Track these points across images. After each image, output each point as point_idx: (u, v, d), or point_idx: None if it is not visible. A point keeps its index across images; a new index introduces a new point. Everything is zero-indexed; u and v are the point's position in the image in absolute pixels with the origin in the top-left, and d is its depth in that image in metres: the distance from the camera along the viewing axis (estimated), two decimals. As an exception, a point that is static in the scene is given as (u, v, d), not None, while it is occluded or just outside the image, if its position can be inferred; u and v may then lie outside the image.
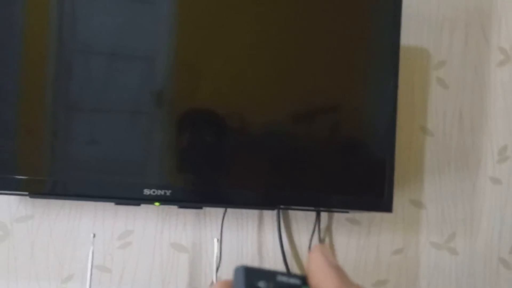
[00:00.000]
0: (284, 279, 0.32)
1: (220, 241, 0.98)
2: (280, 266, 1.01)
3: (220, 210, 1.00)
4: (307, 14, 0.92)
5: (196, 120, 0.90)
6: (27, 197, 0.92)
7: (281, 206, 0.98)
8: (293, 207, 0.99)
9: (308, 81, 0.93)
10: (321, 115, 0.93)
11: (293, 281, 0.32)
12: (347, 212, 1.03)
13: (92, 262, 0.87)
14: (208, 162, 0.90)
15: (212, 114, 0.90)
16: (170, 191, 0.86)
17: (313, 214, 1.03)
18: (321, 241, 1.04)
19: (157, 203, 0.87)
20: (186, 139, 0.90)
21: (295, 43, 0.92)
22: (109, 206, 0.98)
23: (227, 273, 0.98)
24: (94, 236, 0.88)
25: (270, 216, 1.02)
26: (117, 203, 0.90)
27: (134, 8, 0.89)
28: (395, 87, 0.93)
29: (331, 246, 1.05)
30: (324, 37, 0.93)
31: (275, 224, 1.02)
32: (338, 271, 0.31)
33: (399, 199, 1.06)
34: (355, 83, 0.94)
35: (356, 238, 1.06)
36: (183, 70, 0.90)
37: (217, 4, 0.90)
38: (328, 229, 1.05)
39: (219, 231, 0.99)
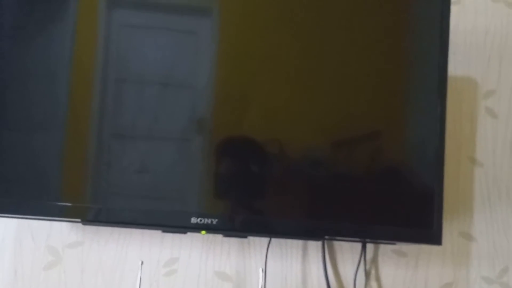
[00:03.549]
0: None
1: (265, 271, 0.98)
2: (324, 298, 1.00)
3: (264, 239, 1.00)
4: (351, 42, 0.93)
5: (242, 149, 0.91)
6: (78, 224, 0.95)
7: (326, 237, 0.97)
8: (338, 238, 0.98)
9: (356, 111, 0.93)
10: (366, 144, 0.92)
11: None
12: (394, 243, 1.01)
13: (139, 289, 0.88)
14: (254, 191, 0.91)
15: (257, 143, 0.91)
16: (216, 219, 0.87)
17: (358, 245, 1.02)
18: (366, 273, 1.02)
19: (203, 232, 0.88)
20: (232, 168, 0.91)
21: (338, 70, 0.92)
22: (156, 234, 0.99)
23: (272, 304, 0.98)
24: (142, 263, 0.89)
25: (314, 246, 1.01)
26: (164, 231, 0.91)
27: (178, 39, 0.92)
28: (443, 116, 0.91)
29: (377, 278, 1.02)
30: (369, 66, 0.93)
31: (320, 254, 1.01)
32: None
33: (447, 231, 1.03)
34: (402, 112, 0.93)
35: (403, 270, 1.03)
36: (227, 98, 0.91)
37: (257, 35, 0.92)
38: (374, 260, 1.03)
39: (263, 260, 0.99)
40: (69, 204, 0.86)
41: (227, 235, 0.94)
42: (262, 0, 0.92)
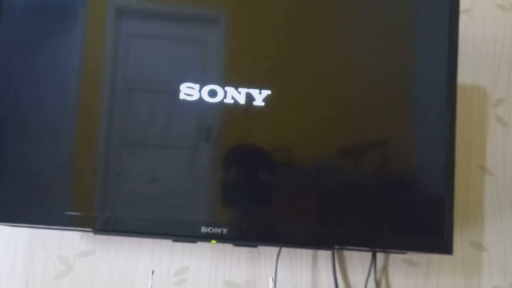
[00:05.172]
0: None
1: (275, 280, 0.98)
2: (335, 308, 1.00)
3: (274, 249, 1.00)
4: (359, 50, 0.93)
5: (251, 158, 0.92)
6: (89, 233, 0.96)
7: (336, 246, 0.97)
8: (348, 247, 0.98)
9: (365, 119, 0.93)
10: (376, 152, 0.92)
11: None
12: (404, 253, 1.01)
13: (149, 298, 0.89)
14: (264, 200, 0.91)
15: (265, 152, 0.91)
16: (226, 229, 0.87)
17: (368, 255, 1.01)
18: (377, 282, 1.01)
19: (213, 241, 0.88)
20: (241, 177, 0.91)
21: (347, 78, 0.92)
22: (166, 243, 1.00)
23: (282, 313, 0.98)
24: (152, 272, 0.89)
25: (324, 255, 1.01)
26: (174, 240, 0.91)
27: (186, 48, 0.92)
28: (453, 125, 0.91)
29: (388, 287, 1.02)
30: (378, 74, 0.93)
31: (330, 264, 1.01)
32: None
33: (458, 241, 1.03)
34: (411, 121, 0.93)
35: (413, 280, 1.03)
36: (236, 106, 0.91)
37: (264, 43, 0.92)
38: (384, 270, 1.03)
39: (273, 269, 0.99)
40: (79, 213, 0.86)
41: (237, 244, 0.94)
42: (270, 8, 0.93)
